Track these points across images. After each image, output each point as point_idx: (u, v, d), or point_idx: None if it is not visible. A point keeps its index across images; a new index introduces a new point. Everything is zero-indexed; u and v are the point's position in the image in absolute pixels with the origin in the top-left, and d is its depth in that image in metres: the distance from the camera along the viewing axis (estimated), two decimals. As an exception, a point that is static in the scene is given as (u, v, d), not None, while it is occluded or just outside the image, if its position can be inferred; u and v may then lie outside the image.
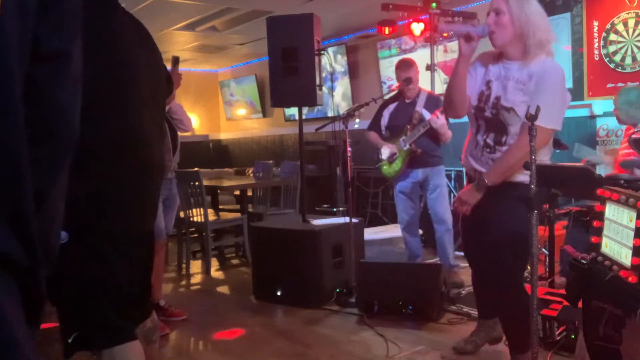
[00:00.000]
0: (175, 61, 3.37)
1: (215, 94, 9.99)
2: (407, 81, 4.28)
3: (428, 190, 4.36)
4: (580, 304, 1.99)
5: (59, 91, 0.84)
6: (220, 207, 6.31)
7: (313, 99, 4.19)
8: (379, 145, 4.40)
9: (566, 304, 2.68)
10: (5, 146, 0.74)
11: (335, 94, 7.47)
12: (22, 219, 0.76)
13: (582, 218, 3.70)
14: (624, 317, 1.71)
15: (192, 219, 5.26)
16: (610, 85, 4.83)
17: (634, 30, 4.66)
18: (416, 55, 5.94)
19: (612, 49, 4.82)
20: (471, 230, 2.61)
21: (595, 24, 4.91)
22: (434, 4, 4.78)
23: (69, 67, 0.85)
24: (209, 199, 5.84)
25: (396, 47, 6.75)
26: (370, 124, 4.56)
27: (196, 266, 5.59)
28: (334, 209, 6.37)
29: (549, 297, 3.04)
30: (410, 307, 3.59)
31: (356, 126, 5.87)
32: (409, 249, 4.47)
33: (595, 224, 1.94)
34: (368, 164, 6.11)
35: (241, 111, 9.58)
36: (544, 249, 3.76)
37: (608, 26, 4.82)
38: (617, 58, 4.79)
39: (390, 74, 6.60)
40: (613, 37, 4.80)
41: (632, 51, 4.69)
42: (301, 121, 4.51)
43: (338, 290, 4.02)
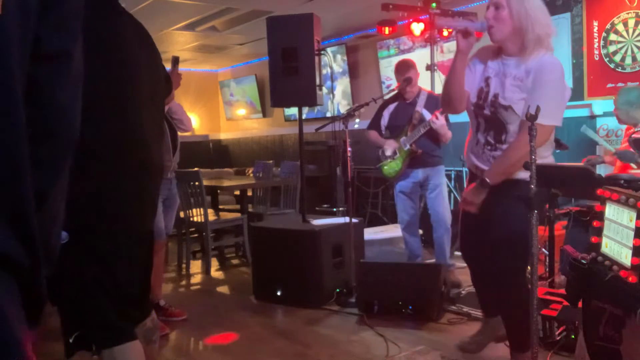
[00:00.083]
0: (175, 61, 3.37)
1: (215, 94, 9.99)
2: (407, 81, 4.27)
3: (428, 189, 4.36)
4: (580, 304, 1.99)
5: (59, 91, 0.84)
6: (220, 207, 6.31)
7: (313, 99, 4.19)
8: (380, 143, 4.39)
9: (566, 304, 2.68)
10: (5, 146, 0.73)
11: (335, 94, 7.47)
12: (23, 219, 0.76)
13: (582, 218, 3.70)
14: (624, 317, 1.71)
15: (192, 219, 5.26)
16: (610, 85, 4.83)
17: (634, 30, 4.67)
18: (415, 56, 5.95)
19: (612, 49, 4.82)
20: (471, 231, 2.60)
21: (595, 24, 4.92)
22: (434, 4, 4.78)
23: (69, 67, 0.85)
24: (209, 199, 5.84)
25: (395, 47, 6.76)
26: (370, 124, 4.56)
27: (196, 266, 5.59)
28: (334, 209, 6.36)
29: (549, 297, 3.04)
30: (410, 307, 3.59)
31: (356, 126, 5.87)
32: (409, 249, 4.47)
33: (595, 224, 1.94)
34: (368, 164, 6.11)
35: (241, 111, 9.58)
36: (544, 249, 3.76)
37: (608, 26, 4.82)
38: (617, 58, 4.79)
39: (389, 73, 6.61)
40: (613, 37, 4.80)
41: (632, 51, 4.69)
42: (301, 121, 4.51)
43: (338, 290, 4.02)
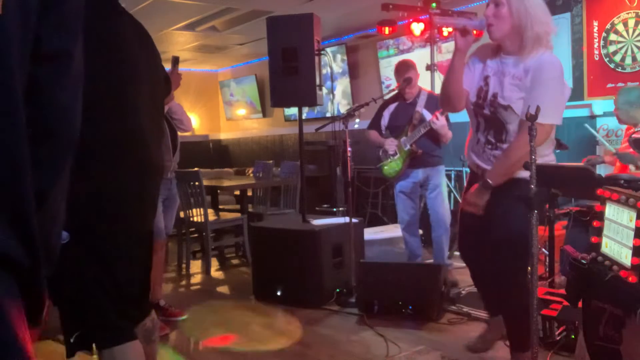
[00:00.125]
0: (175, 61, 3.37)
1: (215, 94, 9.99)
2: (407, 81, 4.27)
3: (428, 189, 4.36)
4: (580, 304, 1.99)
5: (59, 91, 0.84)
6: (220, 207, 6.31)
7: (313, 99, 4.19)
8: (380, 142, 4.39)
9: (566, 304, 2.68)
10: (5, 146, 0.73)
11: (335, 94, 7.47)
12: (23, 219, 0.76)
13: (582, 218, 3.69)
14: (624, 317, 1.71)
15: (192, 219, 5.26)
16: (610, 85, 4.83)
17: (634, 30, 4.67)
18: (414, 56, 5.95)
19: (612, 49, 4.82)
20: (470, 231, 2.60)
21: (595, 24, 4.92)
22: (434, 4, 4.79)
23: (69, 66, 0.85)
24: (209, 199, 5.84)
25: (394, 48, 6.76)
26: (371, 124, 4.56)
27: (196, 266, 5.59)
28: (334, 209, 6.36)
29: (549, 297, 3.04)
30: (410, 307, 3.59)
31: (356, 126, 5.86)
32: (409, 249, 4.47)
33: (595, 224, 1.94)
34: (368, 164, 6.11)
35: (241, 111, 9.58)
36: (544, 249, 3.76)
37: (608, 26, 4.82)
38: (617, 58, 4.79)
39: (388, 73, 6.62)
40: (613, 37, 4.80)
41: (632, 51, 4.69)
42: (301, 121, 4.51)
43: (338, 290, 4.02)
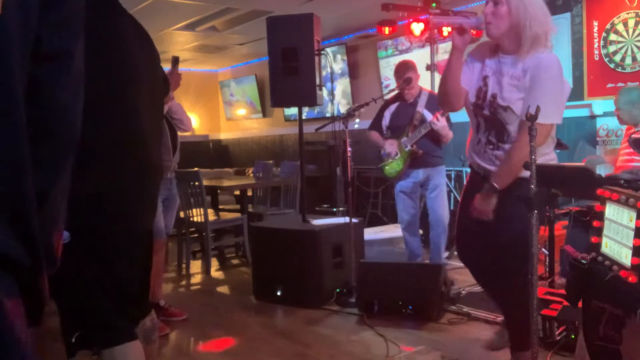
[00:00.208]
0: (175, 61, 3.36)
1: (215, 94, 9.99)
2: (407, 81, 4.27)
3: (428, 189, 4.36)
4: (580, 304, 1.99)
5: (59, 91, 0.84)
6: (220, 207, 6.31)
7: (313, 99, 4.19)
8: (380, 144, 4.39)
9: (566, 304, 2.68)
10: (6, 146, 0.73)
11: (335, 94, 7.47)
12: (23, 218, 0.76)
13: (582, 218, 3.69)
14: (624, 317, 1.71)
15: (192, 219, 5.26)
16: (610, 85, 4.83)
17: (634, 30, 4.67)
18: (412, 56, 5.95)
19: (612, 49, 4.82)
20: (468, 232, 2.58)
21: (595, 24, 4.92)
22: (434, 4, 4.79)
23: (70, 66, 0.85)
24: (209, 199, 5.84)
25: (393, 48, 6.77)
26: (372, 124, 4.56)
27: (196, 266, 5.59)
28: (334, 209, 6.36)
29: (549, 297, 3.04)
30: (410, 307, 3.59)
31: (356, 126, 5.86)
32: (409, 249, 4.47)
33: (595, 224, 1.94)
34: (368, 164, 6.12)
35: (241, 111, 9.58)
36: (544, 249, 3.76)
37: (608, 26, 4.82)
38: (617, 58, 4.79)
39: (387, 73, 6.62)
40: (613, 37, 4.80)
41: (632, 51, 4.69)
42: (301, 121, 4.51)
43: (338, 290, 4.02)
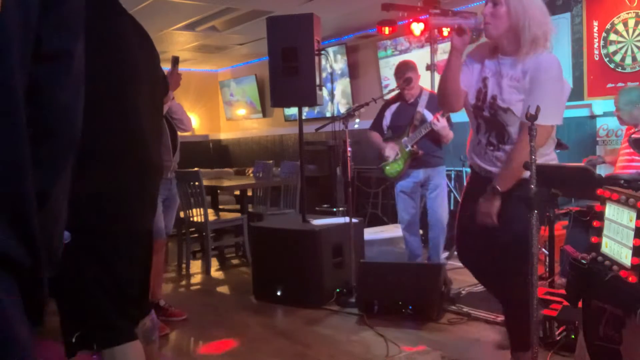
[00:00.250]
0: (175, 61, 3.36)
1: (215, 94, 9.99)
2: (407, 81, 4.27)
3: (428, 189, 4.36)
4: (580, 304, 1.99)
5: (59, 91, 0.84)
6: (220, 207, 6.31)
7: (313, 99, 4.19)
8: (380, 147, 4.39)
9: (566, 304, 2.68)
10: (6, 146, 0.73)
11: (335, 94, 7.47)
12: (23, 218, 0.76)
13: (582, 218, 3.69)
14: (624, 317, 1.71)
15: (192, 219, 5.26)
16: (610, 85, 4.83)
17: (634, 30, 4.67)
18: (412, 56, 5.96)
19: (612, 49, 4.82)
20: (468, 233, 2.57)
21: (595, 24, 4.92)
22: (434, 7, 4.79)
23: (70, 66, 0.85)
24: (209, 199, 5.84)
25: (392, 48, 6.77)
26: (372, 124, 4.56)
27: (196, 266, 5.59)
28: (334, 209, 6.36)
29: (549, 297, 3.04)
30: (410, 307, 3.59)
31: (356, 126, 5.86)
32: (409, 249, 4.47)
33: (595, 224, 1.93)
34: (368, 164, 6.11)
35: (241, 111, 9.58)
36: (544, 249, 3.76)
37: (608, 26, 4.82)
38: (617, 58, 4.79)
39: (387, 73, 6.62)
40: (613, 37, 4.80)
41: (632, 51, 4.69)
42: (301, 121, 4.51)
43: (338, 290, 4.02)
